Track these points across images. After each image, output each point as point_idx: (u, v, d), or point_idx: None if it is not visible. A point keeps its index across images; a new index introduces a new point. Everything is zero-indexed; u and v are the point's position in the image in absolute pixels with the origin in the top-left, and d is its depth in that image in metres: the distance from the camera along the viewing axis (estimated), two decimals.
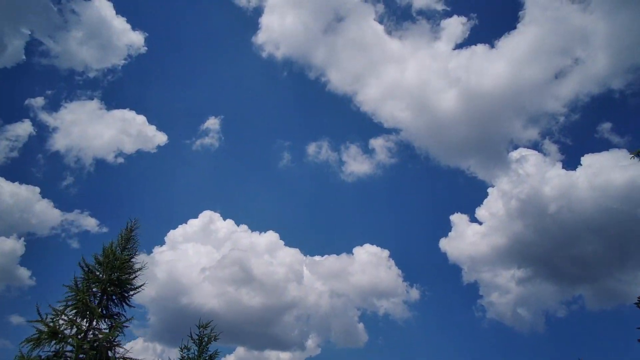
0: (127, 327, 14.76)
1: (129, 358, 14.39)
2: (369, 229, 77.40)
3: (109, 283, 14.90)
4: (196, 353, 21.59)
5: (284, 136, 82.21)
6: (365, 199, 79.75)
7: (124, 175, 68.59)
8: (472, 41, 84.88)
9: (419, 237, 75.18)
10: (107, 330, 14.34)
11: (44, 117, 61.87)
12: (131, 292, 15.45)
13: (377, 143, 73.66)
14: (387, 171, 74.08)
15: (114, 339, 14.56)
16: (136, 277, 15.68)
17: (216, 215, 64.53)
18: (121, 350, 14.54)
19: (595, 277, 58.39)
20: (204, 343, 21.95)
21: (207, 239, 62.11)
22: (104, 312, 14.90)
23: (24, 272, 52.82)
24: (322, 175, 76.52)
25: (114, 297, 15.11)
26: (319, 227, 78.55)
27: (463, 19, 71.17)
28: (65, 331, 13.49)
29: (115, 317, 15.06)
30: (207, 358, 21.72)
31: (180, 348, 21.74)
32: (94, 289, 14.71)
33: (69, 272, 14.68)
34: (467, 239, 63.82)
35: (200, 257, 59.70)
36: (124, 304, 15.29)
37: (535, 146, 71.82)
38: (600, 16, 66.87)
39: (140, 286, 15.70)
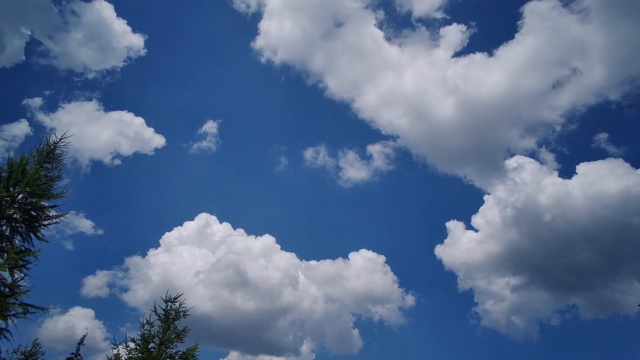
0: (30, 263, 10.68)
1: (26, 304, 10.26)
2: (365, 235, 75.16)
3: (11, 204, 10.96)
4: (160, 330, 17.49)
5: (281, 141, 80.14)
6: (362, 204, 77.39)
7: (121, 177, 66.48)
8: (470, 49, 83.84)
9: (415, 243, 72.87)
10: None
11: (42, 117, 60.47)
12: (44, 222, 11.44)
13: (374, 149, 71.82)
14: (384, 177, 71.36)
15: (13, 281, 10.55)
16: (55, 206, 11.72)
17: (212, 218, 61.79)
18: (22, 294, 10.47)
19: (590, 286, 56.07)
20: (170, 318, 17.81)
21: (202, 242, 59.19)
22: (3, 243, 10.94)
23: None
24: (319, 180, 73.88)
25: (17, 227, 11.13)
26: (315, 232, 76.64)
27: (462, 27, 70.44)
28: None
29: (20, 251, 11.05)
30: (173, 336, 17.50)
31: (142, 324, 17.65)
32: None
33: (65, 273, 11.04)
34: (462, 246, 62.41)
35: (195, 260, 56.69)
36: (31, 235, 11.28)
37: (532, 155, 68.60)
38: (598, 27, 65.23)
39: (58, 216, 11.68)
